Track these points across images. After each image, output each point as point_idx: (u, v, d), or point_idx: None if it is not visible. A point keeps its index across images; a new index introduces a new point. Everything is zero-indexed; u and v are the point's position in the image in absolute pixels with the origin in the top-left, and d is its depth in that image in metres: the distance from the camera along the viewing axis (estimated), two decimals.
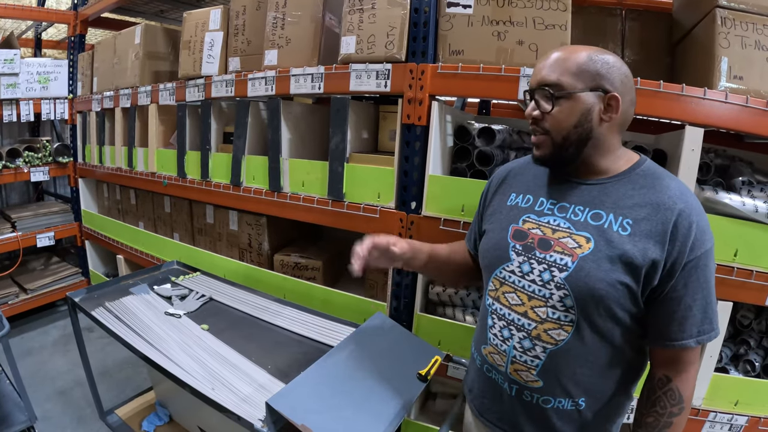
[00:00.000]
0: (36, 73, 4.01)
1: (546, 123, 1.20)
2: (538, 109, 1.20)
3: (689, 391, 1.18)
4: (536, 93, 1.20)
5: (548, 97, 1.18)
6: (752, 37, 1.69)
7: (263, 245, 2.73)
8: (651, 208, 1.13)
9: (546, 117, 1.19)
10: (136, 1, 3.94)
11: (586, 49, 1.18)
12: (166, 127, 3.28)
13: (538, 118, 1.21)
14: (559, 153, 1.20)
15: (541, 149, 1.23)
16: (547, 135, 1.20)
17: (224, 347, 1.83)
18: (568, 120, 1.17)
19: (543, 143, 1.22)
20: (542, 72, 1.19)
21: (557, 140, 1.19)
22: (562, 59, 1.17)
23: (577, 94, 1.15)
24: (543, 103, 1.19)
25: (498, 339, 1.28)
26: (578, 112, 1.16)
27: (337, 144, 2.18)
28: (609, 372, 1.19)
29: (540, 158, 1.25)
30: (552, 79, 1.16)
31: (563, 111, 1.17)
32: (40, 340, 3.96)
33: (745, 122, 1.62)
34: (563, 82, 1.15)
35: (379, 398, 1.46)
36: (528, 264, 1.22)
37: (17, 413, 2.24)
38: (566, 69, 1.16)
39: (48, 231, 4.22)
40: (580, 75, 1.15)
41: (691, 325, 1.12)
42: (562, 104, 1.16)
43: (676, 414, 1.17)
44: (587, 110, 1.16)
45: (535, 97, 1.21)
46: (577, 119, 1.16)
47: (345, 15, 2.08)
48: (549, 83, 1.17)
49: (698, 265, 1.10)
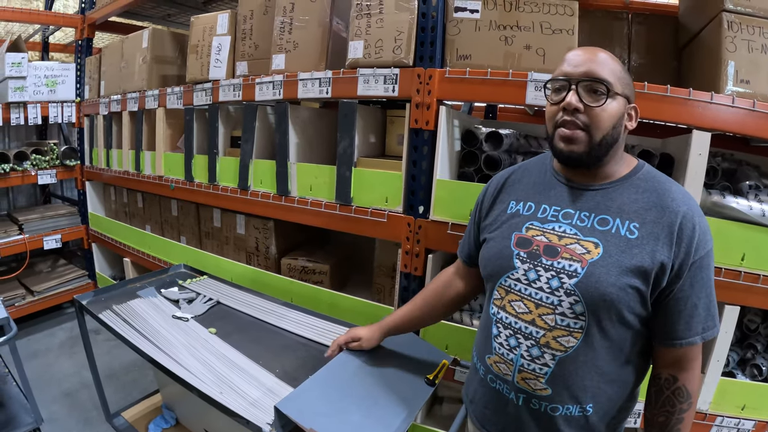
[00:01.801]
0: (43, 77, 4.03)
1: (586, 117, 1.15)
2: (582, 102, 1.15)
3: (696, 386, 1.20)
4: (582, 84, 1.16)
5: (598, 92, 1.15)
6: (759, 41, 1.68)
7: (270, 249, 2.73)
8: (656, 211, 1.14)
9: (588, 112, 1.15)
10: (144, 6, 3.95)
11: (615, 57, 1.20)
12: (173, 130, 3.30)
13: (580, 110, 1.15)
14: (592, 152, 1.17)
15: (576, 144, 1.17)
16: (585, 131, 1.16)
17: (232, 350, 1.83)
18: (610, 119, 1.16)
19: (579, 139, 1.16)
20: (590, 66, 1.15)
21: (596, 138, 1.16)
22: (608, 60, 1.17)
23: (619, 96, 1.16)
24: (589, 97, 1.15)
25: (504, 348, 1.26)
26: (618, 115, 1.17)
27: (345, 148, 2.18)
28: (616, 376, 1.20)
29: (571, 153, 1.19)
30: (603, 75, 1.15)
31: (608, 109, 1.15)
32: (47, 342, 3.97)
33: (751, 126, 1.62)
34: (612, 82, 1.15)
35: (387, 402, 1.47)
36: (534, 271, 1.22)
37: (24, 415, 2.24)
38: (612, 70, 1.16)
39: (55, 233, 4.24)
40: (620, 79, 1.17)
41: (696, 323, 1.15)
42: (609, 102, 1.15)
43: (686, 410, 1.19)
44: (623, 114, 1.18)
45: (579, 89, 1.16)
46: (616, 121, 1.17)
47: (352, 19, 2.09)
48: (600, 78, 1.14)
49: (702, 265, 1.13)
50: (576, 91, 1.16)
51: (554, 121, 1.21)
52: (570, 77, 1.17)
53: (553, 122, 1.21)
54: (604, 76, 1.14)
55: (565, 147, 1.19)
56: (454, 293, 1.59)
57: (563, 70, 1.20)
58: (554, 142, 1.22)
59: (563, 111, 1.18)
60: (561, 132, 1.19)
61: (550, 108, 1.22)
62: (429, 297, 1.62)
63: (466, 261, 1.54)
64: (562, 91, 1.19)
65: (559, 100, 1.19)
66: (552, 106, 1.22)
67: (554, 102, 1.21)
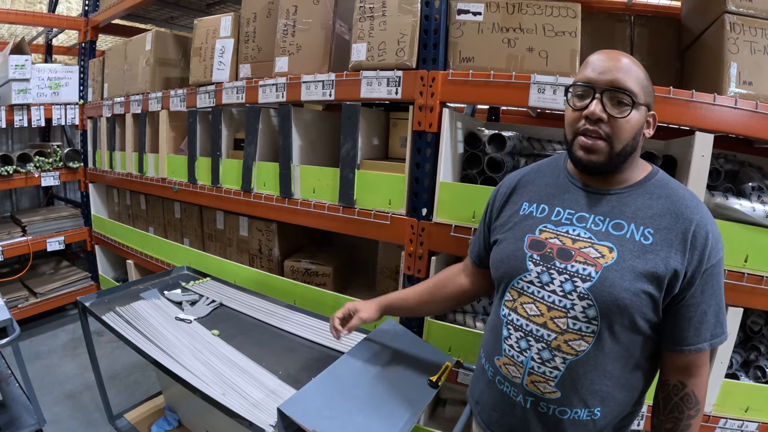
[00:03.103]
0: (47, 79, 4.05)
1: (609, 128, 1.14)
2: (605, 111, 1.14)
3: (703, 392, 1.21)
4: (606, 94, 1.14)
5: (623, 102, 1.14)
6: (761, 43, 1.68)
7: (273, 251, 2.74)
8: (670, 218, 1.14)
9: (611, 122, 1.14)
10: (147, 8, 3.97)
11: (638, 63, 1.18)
12: (176, 133, 3.30)
13: (603, 120, 1.14)
14: (611, 162, 1.17)
15: (596, 155, 1.16)
16: (607, 141, 1.15)
17: (235, 353, 1.84)
18: (632, 130, 1.15)
19: (600, 149, 1.16)
20: (616, 74, 1.14)
21: (617, 148, 1.15)
22: (632, 68, 1.15)
23: (642, 106, 1.16)
24: (613, 108, 1.14)
25: (514, 350, 1.26)
26: (640, 124, 1.17)
27: (348, 151, 2.19)
28: (625, 381, 1.20)
29: (590, 163, 1.18)
30: (629, 85, 1.13)
31: (632, 120, 1.14)
32: (50, 343, 3.98)
33: (754, 127, 1.62)
34: (637, 92, 1.14)
35: (390, 404, 1.46)
36: (547, 274, 1.21)
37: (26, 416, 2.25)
38: (637, 79, 1.15)
39: (58, 235, 4.25)
40: (644, 88, 1.16)
41: (705, 330, 1.15)
42: (633, 114, 1.14)
43: (694, 416, 1.19)
44: (643, 124, 1.18)
45: (603, 98, 1.14)
46: (637, 131, 1.16)
47: (355, 22, 2.09)
48: (626, 89, 1.13)
49: (714, 273, 1.14)
50: (600, 101, 1.14)
51: (575, 127, 1.20)
52: (595, 84, 1.15)
53: (574, 129, 1.20)
54: (630, 86, 1.13)
55: (584, 156, 1.18)
56: (457, 287, 1.59)
57: (587, 75, 1.18)
58: (573, 150, 1.21)
59: (586, 119, 1.16)
60: (581, 141, 1.18)
61: (572, 114, 1.20)
62: (431, 285, 1.63)
63: (476, 262, 1.54)
64: (586, 98, 1.18)
65: (582, 107, 1.17)
66: (573, 112, 1.20)
67: (576, 108, 1.19)
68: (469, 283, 1.58)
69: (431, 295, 1.61)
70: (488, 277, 1.49)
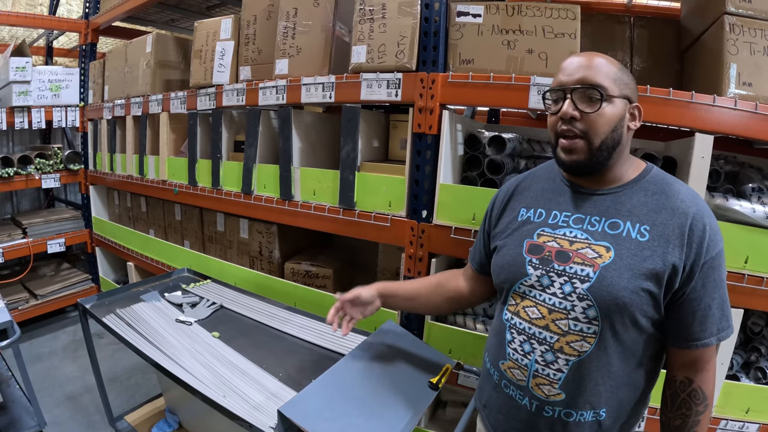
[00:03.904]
0: (48, 81, 4.05)
1: (583, 125, 1.17)
2: (578, 109, 1.17)
3: (711, 388, 1.20)
4: (576, 92, 1.17)
5: (592, 98, 1.16)
6: (761, 44, 1.68)
7: (274, 253, 2.74)
8: (666, 213, 1.15)
9: (585, 118, 1.16)
10: (147, 11, 3.98)
11: (612, 59, 1.20)
12: (177, 135, 3.31)
13: (576, 119, 1.17)
14: (593, 158, 1.18)
15: (576, 154, 1.19)
16: (583, 139, 1.17)
17: (235, 355, 1.84)
18: (608, 124, 1.16)
19: (578, 148, 1.18)
20: (583, 72, 1.17)
21: (595, 144, 1.17)
22: (601, 64, 1.18)
23: (616, 98, 1.17)
24: (584, 104, 1.17)
25: (518, 354, 1.27)
26: (617, 117, 1.17)
27: (348, 153, 2.19)
28: (629, 380, 1.20)
29: (573, 163, 1.21)
30: (596, 80, 1.15)
31: (605, 114, 1.16)
32: (50, 345, 3.99)
33: (754, 128, 1.62)
34: (606, 86, 1.15)
35: (391, 406, 1.46)
36: (547, 277, 1.22)
37: (27, 418, 2.25)
38: (606, 74, 1.17)
39: (59, 237, 4.26)
40: (616, 81, 1.17)
41: (711, 324, 1.15)
42: (604, 107, 1.16)
43: (702, 412, 1.19)
44: (622, 116, 1.18)
45: (573, 97, 1.17)
46: (615, 124, 1.17)
47: (355, 24, 2.09)
48: (593, 84, 1.16)
49: (714, 265, 1.13)
50: (571, 100, 1.17)
51: (555, 131, 1.23)
52: (565, 86, 1.19)
53: (555, 132, 1.23)
54: (598, 80, 1.15)
55: (566, 157, 1.21)
56: (454, 288, 1.60)
57: (559, 79, 1.21)
58: (557, 153, 1.24)
59: (561, 120, 1.19)
60: (561, 143, 1.21)
61: (551, 118, 1.24)
62: (430, 282, 1.65)
63: (477, 269, 1.54)
64: (560, 101, 1.21)
65: (557, 110, 1.21)
66: (552, 117, 1.23)
67: (553, 112, 1.23)
68: (467, 288, 1.59)
69: (428, 290, 1.62)
70: (487, 285, 1.51)
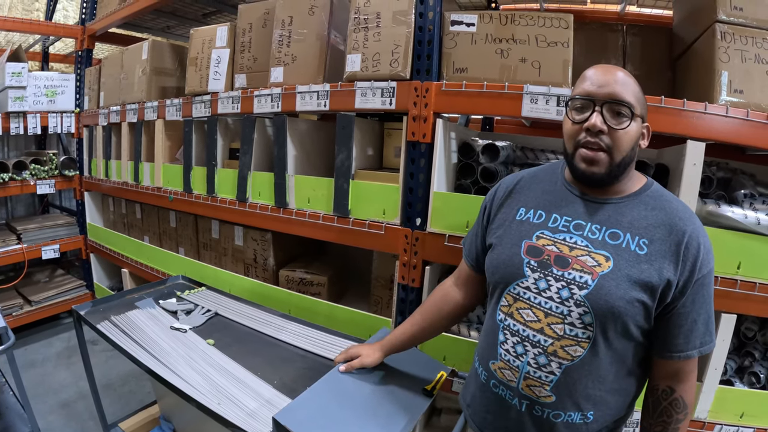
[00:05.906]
0: (43, 87, 4.06)
1: (609, 139, 1.17)
2: (607, 123, 1.17)
3: (691, 397, 1.24)
4: (607, 106, 1.17)
5: (622, 114, 1.17)
6: (752, 51, 1.70)
7: (268, 261, 2.74)
8: (664, 229, 1.18)
9: (611, 133, 1.17)
10: (143, 18, 3.99)
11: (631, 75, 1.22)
12: (172, 142, 3.31)
13: (603, 132, 1.17)
14: (612, 172, 1.20)
15: (597, 166, 1.19)
16: (607, 153, 1.18)
17: (230, 362, 1.83)
18: (631, 141, 1.19)
19: (600, 161, 1.19)
20: (614, 87, 1.17)
21: (616, 159, 1.19)
22: (628, 81, 1.19)
23: (638, 117, 1.20)
24: (613, 119, 1.17)
25: (510, 355, 1.28)
26: (637, 136, 1.21)
27: (343, 161, 2.20)
28: (618, 386, 1.23)
29: (591, 175, 1.21)
30: (627, 98, 1.17)
31: (630, 132, 1.18)
32: (44, 352, 3.97)
33: (746, 135, 1.63)
34: (634, 104, 1.17)
35: (385, 413, 1.47)
36: (545, 281, 1.23)
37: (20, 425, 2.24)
38: (633, 92, 1.19)
39: (53, 243, 4.24)
40: (639, 101, 1.20)
41: (695, 338, 1.19)
42: (631, 125, 1.18)
43: (682, 420, 1.24)
44: (640, 135, 1.22)
45: (603, 111, 1.17)
46: (635, 142, 1.20)
47: (350, 33, 2.11)
48: (625, 101, 1.16)
49: (704, 283, 1.18)
50: (600, 113, 1.17)
51: (575, 140, 1.22)
52: (594, 98, 1.19)
53: (574, 141, 1.23)
54: (628, 98, 1.17)
55: (586, 168, 1.21)
56: (453, 305, 1.59)
57: (586, 89, 1.21)
58: (575, 162, 1.23)
59: (587, 132, 1.19)
60: (583, 153, 1.21)
61: (572, 126, 1.23)
62: (428, 312, 1.61)
63: (474, 266, 1.53)
64: (585, 111, 1.21)
65: (581, 119, 1.21)
66: (573, 125, 1.23)
67: (576, 121, 1.22)
68: (463, 296, 1.58)
69: (430, 323, 1.60)
70: (482, 285, 1.51)
